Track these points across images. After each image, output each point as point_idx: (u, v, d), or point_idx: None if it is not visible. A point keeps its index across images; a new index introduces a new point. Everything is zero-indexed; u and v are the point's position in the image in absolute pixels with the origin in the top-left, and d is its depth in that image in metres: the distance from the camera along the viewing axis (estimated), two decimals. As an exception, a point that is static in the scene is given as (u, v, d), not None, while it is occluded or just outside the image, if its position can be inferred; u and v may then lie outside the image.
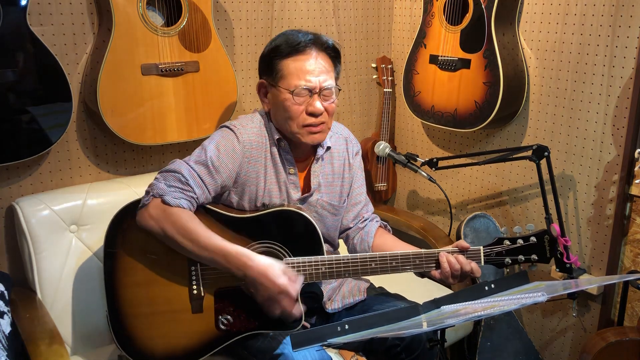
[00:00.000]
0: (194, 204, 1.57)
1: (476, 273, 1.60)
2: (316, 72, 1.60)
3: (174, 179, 1.55)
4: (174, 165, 1.59)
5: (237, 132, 1.65)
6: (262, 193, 1.66)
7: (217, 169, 1.59)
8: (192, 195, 1.55)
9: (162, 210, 1.52)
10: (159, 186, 1.54)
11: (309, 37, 1.62)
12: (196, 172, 1.57)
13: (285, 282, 1.45)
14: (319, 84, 1.60)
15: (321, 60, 1.62)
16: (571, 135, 2.15)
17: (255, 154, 1.66)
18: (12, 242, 1.95)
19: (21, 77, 1.77)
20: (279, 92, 1.62)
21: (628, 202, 2.03)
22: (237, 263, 1.48)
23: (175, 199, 1.52)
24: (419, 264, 1.59)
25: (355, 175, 1.84)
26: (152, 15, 1.99)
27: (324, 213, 1.76)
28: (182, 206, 1.52)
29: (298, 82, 1.59)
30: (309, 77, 1.59)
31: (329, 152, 1.77)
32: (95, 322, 1.88)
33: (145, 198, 1.55)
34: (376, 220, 1.89)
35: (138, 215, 1.56)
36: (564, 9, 2.10)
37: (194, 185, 1.55)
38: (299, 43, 1.60)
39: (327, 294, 1.76)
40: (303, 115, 1.61)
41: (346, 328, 1.20)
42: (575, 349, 2.27)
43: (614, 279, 2.01)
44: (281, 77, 1.61)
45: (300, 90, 1.59)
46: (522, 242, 1.60)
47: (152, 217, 1.52)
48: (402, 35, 2.74)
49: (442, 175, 2.63)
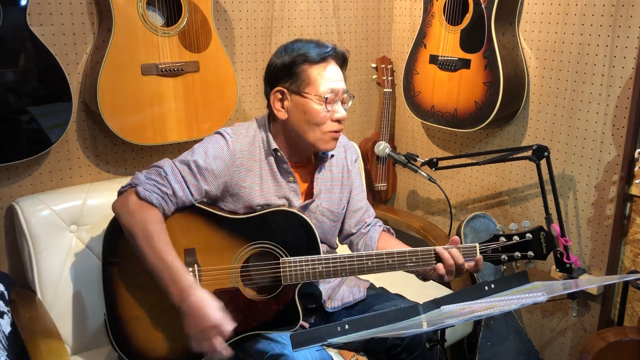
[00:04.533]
0: (168, 201, 1.55)
1: (479, 266, 1.60)
2: (339, 78, 1.64)
3: (155, 172, 1.58)
4: (161, 161, 1.61)
5: (229, 139, 1.64)
6: (260, 203, 1.66)
7: (202, 172, 1.59)
8: (167, 191, 1.55)
9: (132, 202, 1.53)
10: (138, 176, 1.58)
11: (330, 47, 1.64)
12: (178, 170, 1.58)
13: (221, 317, 1.42)
14: (342, 88, 1.63)
15: (340, 69, 1.66)
16: (571, 135, 2.15)
17: (247, 164, 1.65)
18: (12, 242, 1.95)
19: (21, 77, 1.77)
20: (304, 99, 1.61)
21: (628, 202, 2.03)
22: (179, 288, 1.45)
23: (146, 192, 1.53)
24: (415, 261, 1.59)
25: (355, 182, 1.85)
26: (152, 15, 1.99)
27: (323, 219, 1.76)
28: (151, 201, 1.53)
29: (327, 87, 1.60)
30: (336, 84, 1.62)
31: (330, 159, 1.77)
32: (95, 322, 1.88)
33: (124, 185, 1.59)
34: (379, 225, 1.89)
35: (114, 201, 1.58)
36: (564, 9, 2.10)
37: (172, 180, 1.56)
38: (326, 52, 1.62)
39: (326, 293, 1.76)
40: (329, 122, 1.62)
41: (346, 328, 1.20)
42: (575, 349, 2.27)
43: (614, 279, 2.01)
44: (308, 84, 1.60)
45: (330, 95, 1.60)
46: (517, 238, 1.60)
47: (123, 204, 1.55)
48: (402, 35, 2.75)
49: (442, 175, 2.63)
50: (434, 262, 1.59)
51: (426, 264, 1.60)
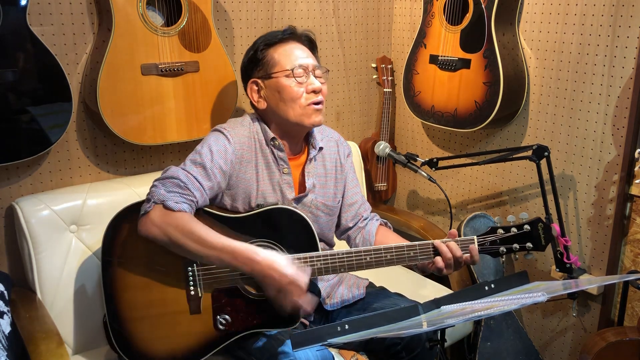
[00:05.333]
0: (194, 208, 1.57)
1: (475, 257, 1.60)
2: (304, 55, 1.70)
3: (172, 184, 1.55)
4: (170, 171, 1.58)
5: (228, 134, 1.66)
6: (256, 194, 1.67)
7: (213, 171, 1.60)
8: (192, 199, 1.55)
9: (165, 215, 1.51)
10: (159, 192, 1.53)
11: (287, 30, 1.72)
12: (193, 176, 1.58)
13: (294, 272, 1.46)
14: (311, 63, 1.69)
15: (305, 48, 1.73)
16: (571, 135, 2.15)
17: (246, 156, 1.67)
18: (12, 242, 1.95)
19: (21, 77, 1.77)
20: (276, 79, 1.67)
21: (628, 202, 2.03)
22: (245, 259, 1.48)
23: (177, 204, 1.52)
24: (413, 255, 1.59)
25: (348, 176, 1.87)
26: (152, 15, 1.99)
27: (319, 213, 1.77)
28: (184, 210, 1.52)
29: (294, 62, 1.66)
30: (301, 58, 1.68)
31: (321, 153, 1.79)
32: (95, 322, 1.88)
33: (147, 205, 1.54)
34: (376, 219, 1.90)
35: (140, 224, 1.54)
36: (564, 9, 2.10)
37: (192, 189, 1.56)
38: (280, 33, 1.71)
39: (325, 291, 1.76)
40: (305, 95, 1.66)
41: (346, 328, 1.20)
42: (575, 349, 2.27)
43: (614, 279, 2.01)
44: (273, 65, 1.68)
45: (297, 68, 1.66)
46: (515, 230, 1.60)
47: (155, 223, 1.51)
48: (402, 35, 2.75)
49: (442, 175, 2.63)
50: (432, 256, 1.59)
51: (424, 258, 1.60)
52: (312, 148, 1.76)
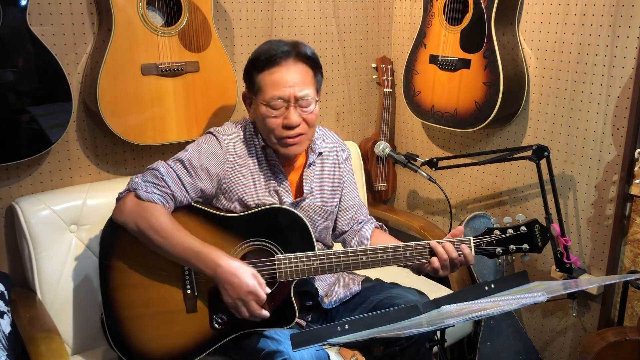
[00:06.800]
0: (169, 200, 1.58)
1: (469, 260, 1.60)
2: (290, 83, 1.59)
3: (151, 174, 1.59)
4: (155, 164, 1.63)
5: (220, 137, 1.67)
6: (253, 199, 1.67)
7: (196, 170, 1.61)
8: (166, 190, 1.57)
9: (136, 205, 1.55)
10: (135, 180, 1.59)
11: (285, 48, 1.61)
12: (173, 170, 1.60)
13: (254, 283, 1.48)
14: (294, 93, 1.59)
15: (298, 70, 1.61)
16: (571, 135, 2.15)
17: (240, 160, 1.67)
18: (12, 242, 1.94)
19: (21, 77, 1.77)
20: (257, 105, 1.64)
21: (628, 202, 2.03)
22: (208, 261, 1.50)
23: (147, 193, 1.55)
24: (409, 256, 1.59)
25: (346, 180, 1.86)
26: (152, 15, 1.99)
27: (316, 217, 1.76)
28: (153, 200, 1.54)
29: (272, 94, 1.59)
30: (283, 88, 1.59)
31: (319, 157, 1.78)
32: (95, 322, 1.88)
33: (121, 192, 1.60)
34: (372, 222, 1.89)
35: (114, 209, 1.59)
36: (564, 9, 2.10)
37: (169, 181, 1.58)
38: (274, 55, 1.60)
39: (323, 290, 1.77)
40: (279, 129, 1.61)
41: (346, 328, 1.20)
42: (575, 349, 2.27)
43: (614, 279, 2.01)
44: (258, 91, 1.63)
45: (274, 102, 1.59)
46: (512, 231, 1.60)
47: (126, 210, 1.56)
48: (402, 35, 2.75)
49: (442, 175, 2.63)
50: (428, 256, 1.59)
51: (420, 259, 1.60)
52: (312, 152, 1.76)
